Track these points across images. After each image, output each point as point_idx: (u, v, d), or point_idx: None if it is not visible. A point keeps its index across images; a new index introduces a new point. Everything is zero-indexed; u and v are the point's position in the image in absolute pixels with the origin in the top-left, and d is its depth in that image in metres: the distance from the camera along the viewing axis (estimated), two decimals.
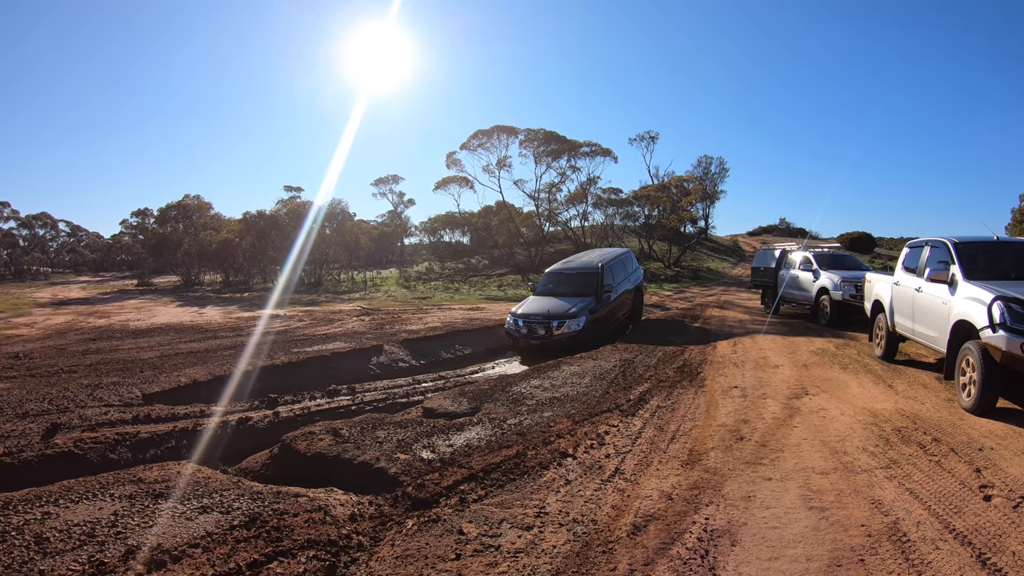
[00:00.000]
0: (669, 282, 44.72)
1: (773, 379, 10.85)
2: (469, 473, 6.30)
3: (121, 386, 10.39)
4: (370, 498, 5.86)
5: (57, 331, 19.35)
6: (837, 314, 18.37)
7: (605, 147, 50.36)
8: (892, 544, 4.67)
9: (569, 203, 52.06)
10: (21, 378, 11.20)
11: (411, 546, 4.79)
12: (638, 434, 7.70)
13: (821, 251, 21.55)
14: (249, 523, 5.14)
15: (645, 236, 58.02)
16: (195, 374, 11.56)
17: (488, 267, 54.98)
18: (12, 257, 66.81)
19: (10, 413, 8.67)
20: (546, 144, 50.33)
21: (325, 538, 4.89)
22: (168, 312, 25.94)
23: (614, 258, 20.03)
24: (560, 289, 18.44)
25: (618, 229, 56.44)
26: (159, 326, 20.76)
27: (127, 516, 5.18)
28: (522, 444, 7.23)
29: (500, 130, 50.57)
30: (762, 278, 25.35)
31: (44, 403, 9.19)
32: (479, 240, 67.35)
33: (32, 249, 70.65)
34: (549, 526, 5.09)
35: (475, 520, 5.22)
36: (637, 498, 5.68)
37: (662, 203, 53.80)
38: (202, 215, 50.67)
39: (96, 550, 4.60)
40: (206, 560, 4.52)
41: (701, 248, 69.54)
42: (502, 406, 9.14)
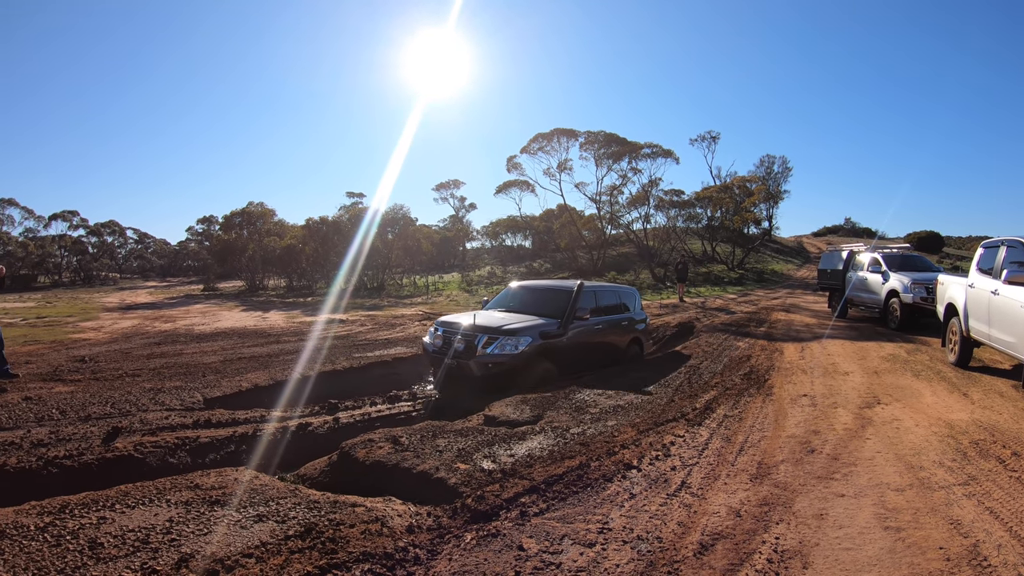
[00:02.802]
0: (733, 285, 44.15)
1: (843, 387, 10.55)
2: (530, 485, 6.15)
3: (183, 390, 10.48)
4: (428, 509, 5.73)
5: (123, 335, 19.67)
6: (908, 318, 17.87)
7: (666, 148, 49.80)
8: (972, 569, 4.43)
9: (631, 205, 51.60)
10: (86, 381, 11.34)
11: (469, 561, 4.67)
12: (705, 445, 7.51)
13: (890, 252, 20.96)
14: (305, 533, 5.06)
15: (708, 238, 57.55)
16: (257, 379, 11.61)
17: (550, 271, 54.90)
18: (82, 263, 69.06)
19: (73, 416, 8.75)
20: (606, 146, 50.02)
21: (381, 551, 4.79)
22: (232, 316, 26.29)
23: (609, 289, 15.28)
24: (520, 308, 13.67)
25: (681, 231, 55.94)
26: (223, 330, 21.03)
27: (182, 523, 5.14)
28: (585, 455, 7.05)
29: (560, 133, 50.49)
30: (829, 280, 24.82)
31: (107, 406, 9.27)
32: (541, 244, 67.37)
33: (101, 256, 72.91)
34: (612, 543, 4.92)
35: (536, 535, 5.08)
36: (704, 514, 5.49)
37: (725, 204, 53.21)
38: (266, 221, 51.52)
39: (149, 557, 4.57)
40: (259, 571, 4.44)
41: (765, 250, 68.67)
42: (565, 414, 8.98)
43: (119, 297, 40.70)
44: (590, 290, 14.07)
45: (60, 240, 70.11)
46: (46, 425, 8.26)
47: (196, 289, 49.09)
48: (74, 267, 70.32)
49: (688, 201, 53.06)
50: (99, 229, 74.84)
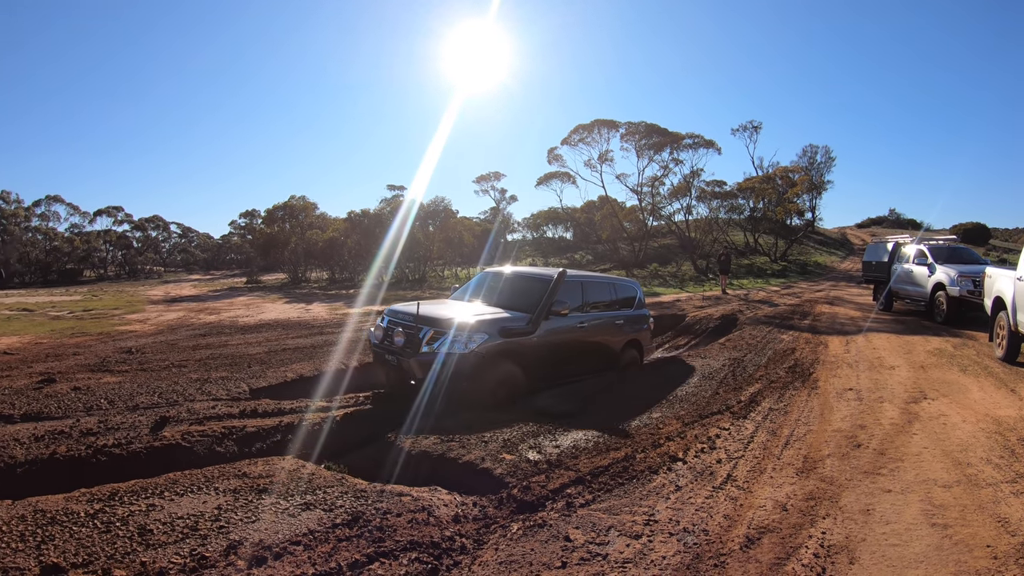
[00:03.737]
0: (776, 277, 43.83)
1: (889, 381, 10.47)
2: (576, 476, 6.19)
3: (229, 380, 10.61)
4: (474, 499, 5.79)
5: (168, 327, 19.89)
6: (954, 311, 17.59)
7: (708, 138, 49.18)
8: (1019, 568, 4.40)
9: (672, 196, 51.13)
10: (133, 372, 11.50)
11: (515, 551, 4.71)
12: (750, 438, 7.51)
13: (936, 244, 20.61)
14: (352, 522, 5.12)
15: (750, 229, 56.96)
16: (301, 369, 11.70)
17: (591, 262, 54.72)
18: (127, 258, 70.43)
19: (121, 406, 8.88)
20: (647, 137, 49.62)
21: (428, 540, 4.85)
22: (276, 308, 26.50)
23: (601, 281, 13.01)
24: (491, 297, 11.65)
25: (723, 223, 55.35)
26: (267, 322, 21.21)
27: (230, 511, 5.21)
28: (630, 446, 7.10)
29: (600, 124, 50.19)
30: (874, 273, 24.48)
31: (154, 396, 9.40)
32: (582, 235, 67.14)
33: (145, 250, 74.28)
34: (659, 535, 4.95)
35: (582, 526, 5.11)
36: (750, 508, 5.49)
37: (767, 195, 52.61)
38: (308, 215, 51.88)
39: (198, 543, 4.64)
40: (307, 558, 4.51)
41: (808, 241, 67.95)
42: (610, 406, 9.02)
43: (164, 290, 41.20)
44: (575, 281, 11.74)
45: (105, 235, 71.34)
46: (95, 414, 8.39)
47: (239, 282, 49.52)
48: (119, 261, 71.55)
49: (730, 192, 52.51)
50: (143, 224, 76.12)
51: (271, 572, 4.32)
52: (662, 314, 21.05)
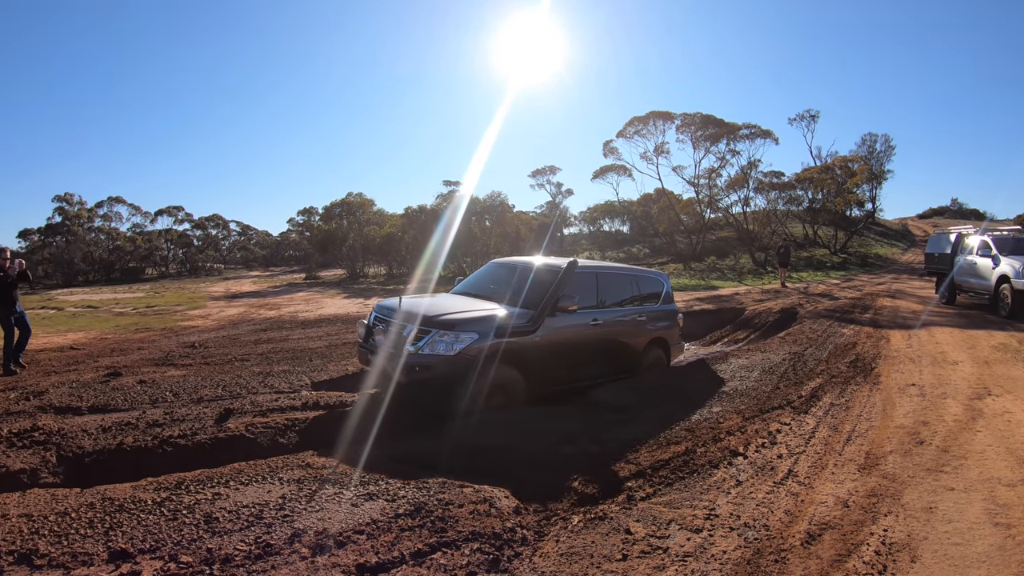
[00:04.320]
0: (836, 269, 43.17)
1: (953, 377, 10.31)
2: (637, 469, 6.24)
3: (291, 374, 10.79)
4: (535, 491, 5.85)
5: (230, 322, 20.27)
6: (1020, 305, 17.15)
7: (765, 128, 48.33)
8: None
9: (730, 188, 50.48)
10: (196, 366, 11.78)
11: (576, 543, 4.76)
12: (811, 433, 7.47)
13: (1001, 235, 20.07)
14: (414, 512, 5.19)
15: (809, 221, 56.03)
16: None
17: (649, 256, 54.35)
18: (187, 255, 72.27)
19: (186, 398, 9.12)
20: (703, 128, 49.01)
21: (489, 531, 4.91)
22: (335, 303, 26.79)
23: (620, 272, 11.76)
24: (494, 291, 10.43)
25: (781, 214, 54.52)
26: (327, 317, 21.48)
27: (294, 500, 5.32)
28: (691, 441, 7.12)
29: (656, 116, 49.74)
30: (936, 265, 23.96)
31: (218, 389, 9.61)
32: (639, 229, 66.70)
33: (206, 248, 76.01)
34: (719, 529, 4.97)
35: (642, 519, 5.15)
36: (811, 504, 5.49)
37: (826, 185, 51.74)
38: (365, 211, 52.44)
39: (263, 532, 4.75)
40: (370, 547, 4.60)
41: (868, 233, 66.65)
42: (670, 400, 9.00)
43: (224, 286, 41.90)
44: (589, 273, 10.61)
45: (166, 234, 73.18)
46: (160, 407, 8.61)
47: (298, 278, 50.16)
48: (180, 259, 73.30)
49: (788, 183, 51.65)
50: (203, 223, 77.72)
51: (334, 560, 4.41)
52: (721, 308, 20.97)
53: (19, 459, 6.58)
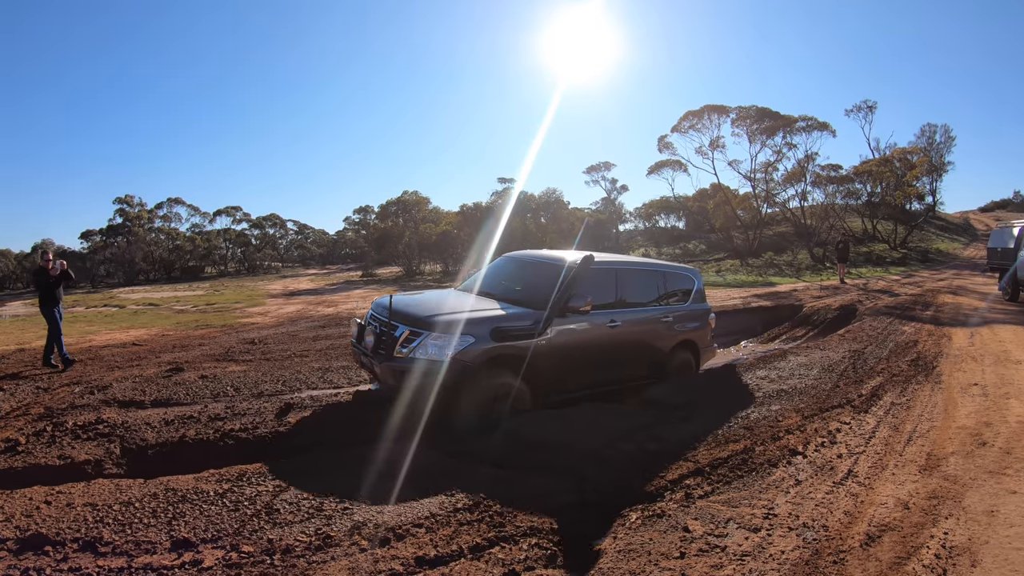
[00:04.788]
0: (895, 265, 42.45)
1: (1016, 376, 10.12)
2: (695, 467, 6.23)
3: (350, 370, 10.92)
4: (593, 487, 5.86)
5: (289, 319, 20.49)
6: None
7: (822, 120, 47.44)
8: None
9: (786, 182, 49.69)
10: (256, 361, 11.98)
11: (634, 540, 4.78)
12: (872, 433, 7.39)
13: None
14: (472, 507, 5.26)
15: (868, 215, 54.99)
16: None
17: (705, 252, 54.03)
18: (246, 254, 74.21)
19: (247, 393, 9.31)
20: (759, 121, 48.44)
21: (547, 526, 4.98)
22: None
23: (643, 268, 10.71)
24: (501, 288, 9.64)
25: (839, 209, 53.61)
26: None
27: (353, 492, 5.41)
28: (749, 439, 7.08)
29: (710, 110, 49.35)
30: (999, 260, 23.42)
31: (278, 384, 9.79)
32: (695, 224, 66.18)
33: (263, 247, 77.87)
34: (778, 529, 4.96)
35: (701, 517, 5.16)
36: (871, 505, 5.45)
37: (885, 179, 50.59)
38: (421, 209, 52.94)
39: (323, 523, 4.85)
40: (429, 540, 4.67)
41: (928, 227, 65.35)
42: (727, 397, 8.96)
43: (282, 284, 42.48)
44: (607, 269, 9.68)
45: (225, 233, 75.43)
46: (221, 401, 8.82)
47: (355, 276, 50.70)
48: (238, 258, 75.34)
49: (846, 176, 50.65)
50: (261, 222, 79.73)
51: (393, 552, 4.49)
52: (778, 304, 20.79)
53: (84, 450, 6.79)
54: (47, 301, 11.88)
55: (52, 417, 8.06)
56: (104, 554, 4.34)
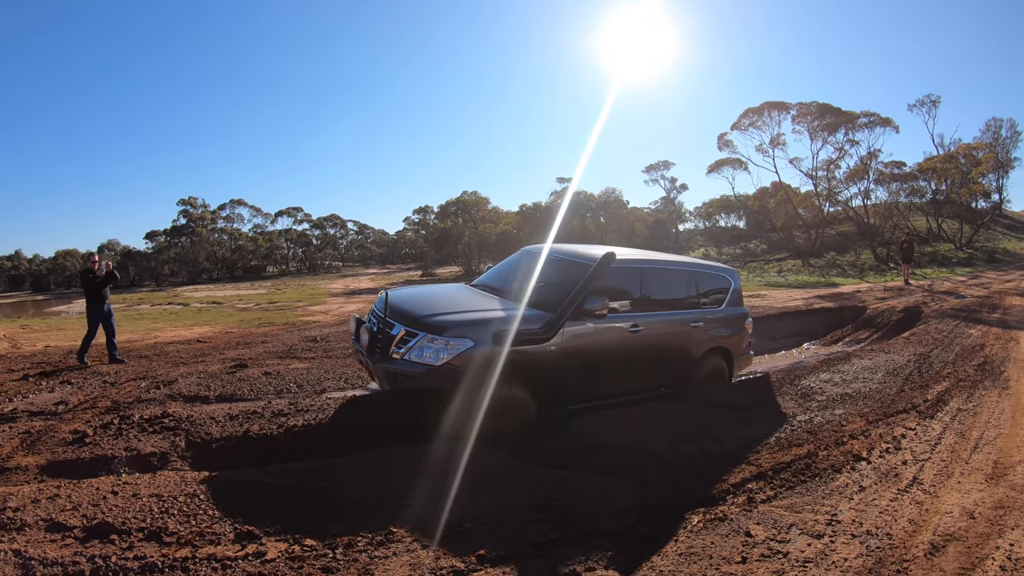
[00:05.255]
0: (961, 265, 41.57)
1: None
2: (757, 471, 6.23)
3: None
4: (654, 489, 5.87)
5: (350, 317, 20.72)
6: None
7: (884, 116, 46.37)
8: None
9: (849, 180, 48.77)
10: (319, 359, 12.12)
11: (696, 543, 4.79)
12: (937, 440, 7.28)
13: None
14: (536, 506, 5.29)
15: (932, 214, 53.76)
16: None
17: (766, 252, 53.38)
18: (307, 254, 76.04)
19: (309, 389, 9.49)
20: (820, 117, 47.55)
21: (609, 527, 4.99)
22: None
23: (673, 267, 9.75)
24: (515, 287, 8.83)
25: (903, 207, 52.48)
26: None
27: (417, 489, 5.45)
28: (813, 443, 7.04)
29: (770, 106, 48.70)
30: None
31: (340, 381, 9.94)
32: (755, 224, 65.41)
33: (324, 246, 79.56)
34: (841, 536, 4.94)
35: (763, 522, 5.15)
36: (936, 513, 5.40)
37: (950, 176, 49.47)
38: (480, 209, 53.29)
39: (387, 518, 4.91)
40: (493, 537, 4.73)
41: (995, 226, 63.76)
42: (791, 400, 8.90)
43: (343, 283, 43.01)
44: (629, 267, 8.93)
45: (286, 234, 77.71)
46: (285, 397, 9.01)
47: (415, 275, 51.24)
48: (299, 257, 77.34)
49: (910, 173, 49.55)
50: (322, 223, 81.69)
51: (456, 549, 4.56)
52: (842, 306, 20.47)
53: (150, 443, 6.94)
54: (93, 300, 12.27)
55: (119, 410, 8.28)
56: (169, 544, 4.45)
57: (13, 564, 4.12)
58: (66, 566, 4.10)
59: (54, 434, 7.38)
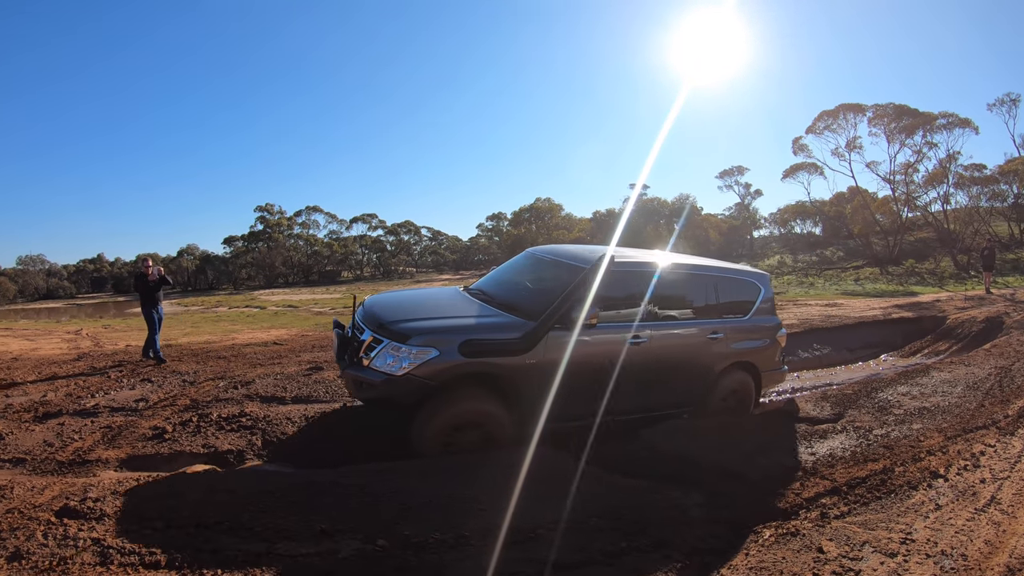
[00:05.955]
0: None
1: None
2: (832, 486, 6.17)
3: None
4: (726, 502, 5.85)
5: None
6: None
7: (963, 117, 45.07)
8: None
9: (927, 184, 47.51)
10: None
11: (767, 558, 4.77)
12: (1017, 458, 7.08)
13: None
14: (607, 514, 5.31)
15: (1015, 219, 51.88)
16: None
17: (843, 259, 52.56)
18: (381, 259, 77.90)
19: None
20: (897, 119, 46.52)
21: (679, 538, 5.00)
22: None
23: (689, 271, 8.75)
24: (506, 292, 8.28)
25: (984, 212, 50.80)
26: None
27: (501, 495, 5.39)
28: (889, 459, 6.93)
29: (845, 108, 47.92)
30: None
31: None
32: (832, 230, 64.31)
33: (398, 252, 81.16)
34: (915, 556, 4.87)
35: (836, 539, 5.10)
36: (1014, 535, 5.28)
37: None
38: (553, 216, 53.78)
39: (458, 521, 4.97)
40: (562, 544, 4.76)
41: None
42: (867, 414, 8.72)
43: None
44: (631, 271, 8.04)
45: (361, 240, 79.23)
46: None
47: None
48: (374, 263, 78.82)
49: (991, 176, 47.87)
50: (396, 229, 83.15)
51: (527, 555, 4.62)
52: (920, 316, 20.02)
53: (227, 441, 7.20)
54: (147, 303, 12.75)
55: (197, 408, 8.56)
56: (245, 538, 4.57)
57: (91, 552, 4.28)
58: (143, 556, 4.25)
59: (134, 429, 7.70)
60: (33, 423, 8.07)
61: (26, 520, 4.74)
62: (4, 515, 4.84)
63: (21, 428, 7.82)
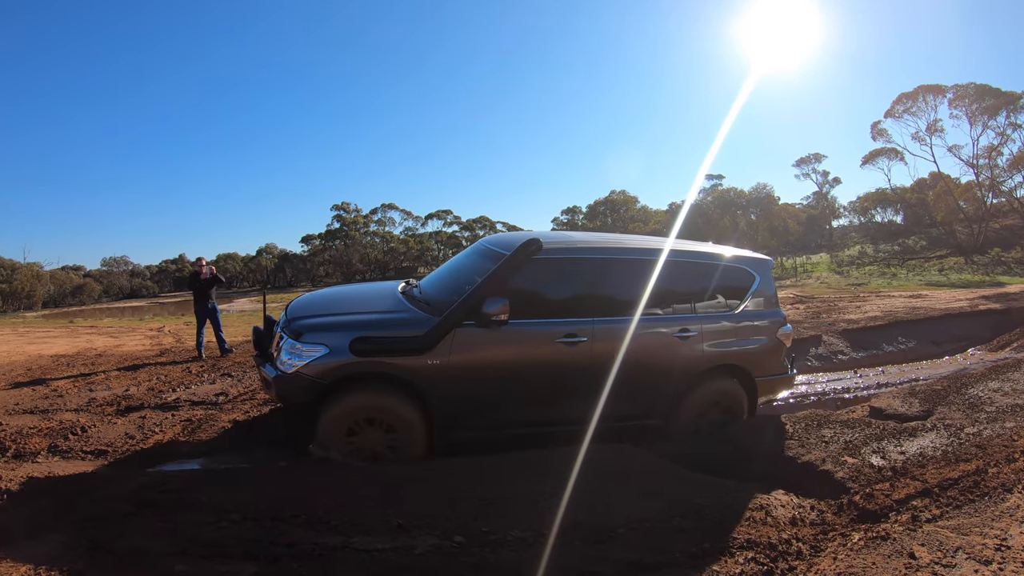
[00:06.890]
0: None
1: None
2: (923, 487, 5.96)
3: None
4: (812, 502, 5.73)
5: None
6: None
7: None
8: None
9: (1012, 168, 46.29)
10: None
11: (855, 563, 4.62)
12: None
13: None
14: (689, 513, 5.23)
15: None
16: None
17: (926, 248, 51.31)
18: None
19: None
20: (979, 100, 45.33)
21: (764, 540, 4.89)
22: None
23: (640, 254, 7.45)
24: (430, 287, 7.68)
25: None
26: None
27: (571, 491, 5.39)
28: (982, 459, 6.66)
29: (925, 90, 46.89)
30: None
31: None
32: (914, 218, 62.82)
33: None
34: (1010, 563, 4.66)
35: (928, 544, 4.91)
36: None
37: None
38: (629, 208, 53.63)
39: (537, 519, 4.93)
40: (643, 544, 4.69)
41: None
42: (957, 411, 8.41)
43: None
44: (565, 257, 7.10)
45: (436, 236, 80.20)
46: None
47: None
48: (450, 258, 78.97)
49: None
50: (471, 224, 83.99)
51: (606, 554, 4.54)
52: (1009, 308, 19.39)
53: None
54: (199, 300, 13.18)
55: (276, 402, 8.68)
56: (321, 532, 4.60)
57: (168, 539, 4.38)
58: (219, 548, 4.32)
59: (214, 423, 7.93)
60: (116, 416, 8.32)
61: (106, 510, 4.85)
62: (87, 505, 4.95)
63: (104, 421, 8.08)
